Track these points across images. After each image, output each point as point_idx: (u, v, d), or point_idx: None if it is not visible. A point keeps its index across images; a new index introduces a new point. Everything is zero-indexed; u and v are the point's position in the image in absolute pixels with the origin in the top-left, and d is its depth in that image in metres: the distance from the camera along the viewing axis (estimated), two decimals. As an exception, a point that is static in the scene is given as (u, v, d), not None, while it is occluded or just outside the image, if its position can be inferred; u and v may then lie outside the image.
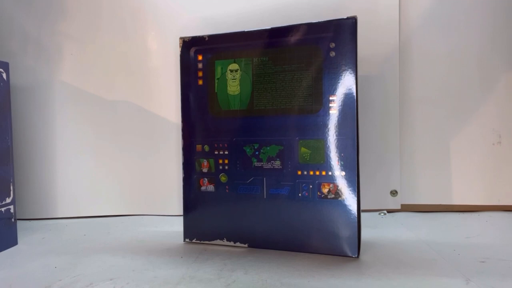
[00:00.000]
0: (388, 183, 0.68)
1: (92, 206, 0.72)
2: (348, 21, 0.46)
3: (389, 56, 0.67)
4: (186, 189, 0.55)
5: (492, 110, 0.66)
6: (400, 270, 0.43)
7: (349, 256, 0.47)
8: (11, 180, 0.55)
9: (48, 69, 0.71)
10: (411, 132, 0.68)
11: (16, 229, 0.56)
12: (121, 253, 0.51)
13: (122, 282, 0.41)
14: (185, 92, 0.54)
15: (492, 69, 0.66)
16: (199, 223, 0.54)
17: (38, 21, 0.71)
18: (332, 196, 0.48)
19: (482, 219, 0.63)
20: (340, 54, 0.47)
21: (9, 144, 0.55)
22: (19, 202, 0.69)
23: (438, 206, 0.68)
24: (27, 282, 0.43)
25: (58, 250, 0.53)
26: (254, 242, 0.52)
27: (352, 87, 0.46)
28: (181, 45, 0.54)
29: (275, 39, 0.50)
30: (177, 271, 0.44)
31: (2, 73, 0.54)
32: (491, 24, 0.66)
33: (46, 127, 0.71)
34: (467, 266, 0.44)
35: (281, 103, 0.50)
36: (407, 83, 0.68)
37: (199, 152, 0.54)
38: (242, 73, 0.52)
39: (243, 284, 0.40)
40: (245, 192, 0.52)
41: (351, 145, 0.47)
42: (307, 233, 0.49)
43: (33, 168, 0.71)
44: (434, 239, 0.53)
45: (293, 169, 0.50)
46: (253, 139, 0.51)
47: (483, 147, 0.67)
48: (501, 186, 0.67)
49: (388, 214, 0.68)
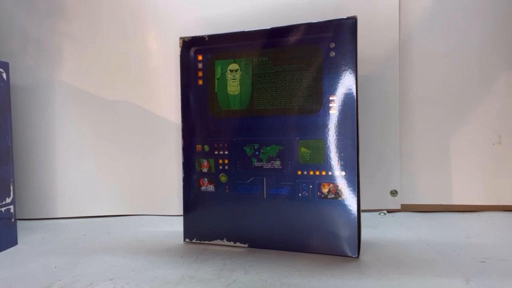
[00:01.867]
0: (388, 183, 0.68)
1: (92, 206, 0.72)
2: (348, 21, 0.46)
3: (389, 56, 0.67)
4: (186, 189, 0.55)
5: (492, 110, 0.66)
6: (400, 270, 0.43)
7: (349, 256, 0.47)
8: (11, 180, 0.55)
9: (48, 69, 0.71)
10: (411, 132, 0.68)
11: (16, 229, 0.56)
12: (121, 253, 0.51)
13: (122, 282, 0.41)
14: (185, 92, 0.54)
15: (492, 69, 0.66)
16: (199, 223, 0.54)
17: (38, 21, 0.71)
18: (332, 196, 0.48)
19: (482, 219, 0.63)
20: (340, 54, 0.47)
21: (9, 144, 0.55)
22: (19, 202, 0.69)
23: (438, 206, 0.68)
24: (27, 282, 0.43)
25: (58, 250, 0.53)
26: (254, 242, 0.52)
27: (352, 87, 0.46)
28: (181, 45, 0.54)
29: (275, 39, 0.50)
30: (177, 271, 0.44)
31: (2, 73, 0.54)
32: (491, 24, 0.66)
33: (46, 127, 0.71)
34: (467, 266, 0.44)
35: (281, 103, 0.50)
36: (407, 83, 0.68)
37: (199, 152, 0.54)
38: (242, 73, 0.52)
39: (243, 284, 0.40)
40: (245, 192, 0.52)
41: (351, 145, 0.47)
42: (307, 233, 0.49)
43: (33, 168, 0.71)
44: (434, 239, 0.53)
45: (293, 169, 0.50)
46: (253, 139, 0.51)
47: (483, 147, 0.67)
48: (501, 186, 0.67)
49: (388, 214, 0.68)
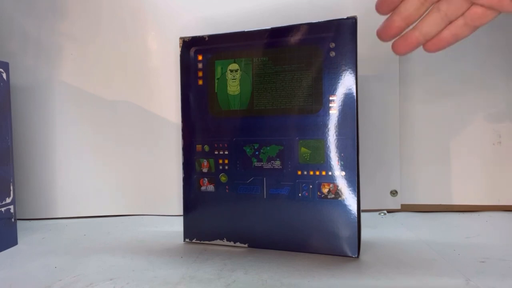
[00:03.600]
0: (388, 183, 0.68)
1: (92, 206, 0.72)
2: (348, 21, 0.46)
3: (389, 56, 0.67)
4: (186, 189, 0.55)
5: (492, 110, 0.66)
6: (400, 270, 0.43)
7: (349, 256, 0.47)
8: (11, 180, 0.55)
9: (48, 69, 0.71)
10: (411, 132, 0.68)
11: (16, 229, 0.56)
12: (121, 253, 0.51)
13: (122, 282, 0.41)
14: (185, 92, 0.54)
15: (492, 69, 0.66)
16: (199, 223, 0.54)
17: (38, 21, 0.71)
18: (332, 196, 0.48)
19: (482, 219, 0.63)
20: (340, 54, 0.47)
21: (9, 144, 0.55)
22: (19, 202, 0.69)
23: (438, 206, 0.68)
24: (27, 282, 0.43)
25: (58, 250, 0.53)
26: (254, 242, 0.52)
27: (352, 87, 0.46)
28: (181, 45, 0.54)
29: (275, 39, 0.50)
30: (177, 271, 0.44)
31: (2, 73, 0.54)
32: (491, 23, 0.65)
33: (46, 127, 0.71)
34: (467, 266, 0.44)
35: (281, 103, 0.50)
36: (407, 83, 0.68)
37: (199, 152, 0.54)
38: (242, 73, 0.52)
39: (243, 284, 0.40)
40: (245, 192, 0.52)
41: (351, 145, 0.47)
42: (307, 233, 0.49)
43: (33, 168, 0.71)
44: (434, 239, 0.53)
45: (293, 169, 0.50)
46: (253, 139, 0.51)
47: (483, 147, 0.67)
48: (501, 186, 0.67)
49: (388, 214, 0.68)
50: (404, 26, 0.42)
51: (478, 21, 0.40)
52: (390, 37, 0.43)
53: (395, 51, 0.44)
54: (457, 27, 0.41)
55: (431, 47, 0.42)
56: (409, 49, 0.43)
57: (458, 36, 0.41)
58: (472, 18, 0.40)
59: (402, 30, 0.43)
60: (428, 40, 0.42)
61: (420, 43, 0.42)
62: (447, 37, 0.41)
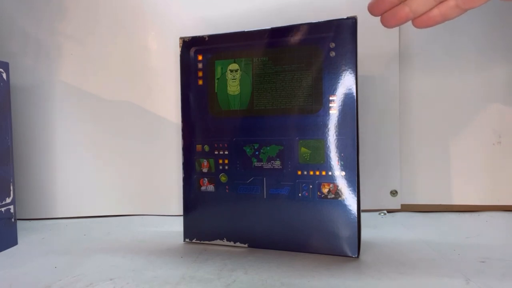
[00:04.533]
0: (388, 183, 0.68)
1: (92, 206, 0.72)
2: (348, 21, 0.46)
3: (389, 56, 0.67)
4: (186, 189, 0.55)
5: (492, 110, 0.66)
6: (400, 270, 0.43)
7: (349, 256, 0.47)
8: (11, 180, 0.55)
9: (48, 69, 0.71)
10: (411, 132, 0.68)
11: (16, 229, 0.56)
12: (121, 253, 0.51)
13: (122, 282, 0.41)
14: (185, 92, 0.54)
15: (492, 69, 0.66)
16: (199, 223, 0.54)
17: (38, 21, 0.71)
18: (332, 196, 0.48)
19: (482, 219, 0.63)
20: (340, 54, 0.47)
21: (9, 144, 0.55)
22: (19, 202, 0.69)
23: (438, 206, 0.68)
24: (27, 282, 0.43)
25: (58, 250, 0.53)
26: (254, 242, 0.52)
27: (352, 87, 0.46)
28: (181, 45, 0.54)
29: (275, 39, 0.50)
30: (177, 271, 0.44)
31: (2, 73, 0.54)
32: (491, 23, 0.66)
33: (46, 127, 0.71)
34: (467, 266, 0.44)
35: (281, 103, 0.50)
36: (407, 83, 0.68)
37: (199, 152, 0.54)
38: (242, 73, 0.52)
39: (243, 284, 0.40)
40: (245, 192, 0.52)
41: (351, 145, 0.47)
42: (307, 233, 0.49)
43: (33, 168, 0.71)
44: (434, 239, 0.53)
45: (293, 169, 0.50)
46: (253, 139, 0.51)
47: (483, 147, 0.67)
48: (501, 186, 0.67)
49: (388, 214, 0.68)
50: (397, 1, 0.43)
51: (469, 4, 0.41)
52: (382, 11, 0.44)
53: (384, 24, 0.45)
54: (447, 7, 0.42)
55: (419, 23, 0.43)
56: (398, 23, 0.44)
57: (446, 16, 0.42)
58: (464, 0, 0.41)
59: (394, 6, 0.43)
60: (417, 17, 0.43)
61: (409, 18, 0.43)
62: (436, 16, 0.42)
